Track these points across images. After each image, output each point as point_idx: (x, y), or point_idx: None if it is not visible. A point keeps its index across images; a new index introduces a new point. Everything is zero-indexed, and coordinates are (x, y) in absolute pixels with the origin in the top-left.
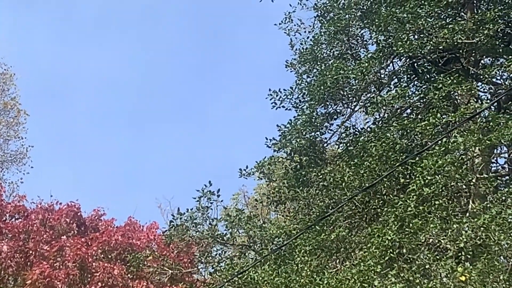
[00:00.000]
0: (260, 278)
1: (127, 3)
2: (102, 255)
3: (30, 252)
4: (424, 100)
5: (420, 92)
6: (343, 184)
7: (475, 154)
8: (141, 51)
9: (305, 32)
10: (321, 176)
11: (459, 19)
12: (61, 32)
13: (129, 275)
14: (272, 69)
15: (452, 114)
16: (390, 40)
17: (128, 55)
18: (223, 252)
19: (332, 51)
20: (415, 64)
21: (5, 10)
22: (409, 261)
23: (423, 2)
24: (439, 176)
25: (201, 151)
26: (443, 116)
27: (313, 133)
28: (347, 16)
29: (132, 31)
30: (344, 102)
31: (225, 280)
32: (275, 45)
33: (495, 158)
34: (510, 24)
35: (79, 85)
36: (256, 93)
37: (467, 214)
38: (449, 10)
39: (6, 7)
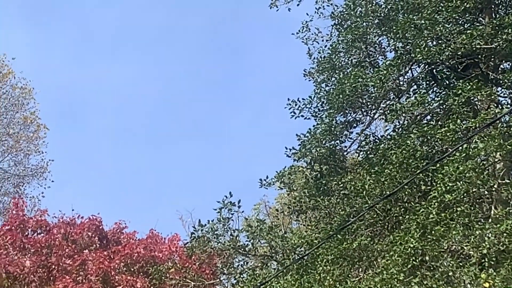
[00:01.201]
0: None
1: (144, 22)
2: (125, 268)
3: (53, 266)
4: (444, 106)
5: (439, 98)
6: (364, 192)
7: (496, 160)
8: (159, 68)
9: (322, 40)
10: (341, 185)
11: (477, 24)
12: (79, 51)
13: (151, 287)
14: (291, 82)
15: (472, 120)
16: (408, 47)
17: (146, 72)
18: (245, 263)
19: (350, 59)
20: (434, 71)
21: (24, 28)
22: (432, 268)
23: (440, 8)
24: (461, 182)
25: (221, 164)
26: (463, 122)
27: (332, 142)
28: (364, 24)
29: (150, 49)
30: (363, 110)
31: None
32: (294, 58)
33: None
34: None
35: (98, 103)
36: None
37: (490, 220)
38: (467, 15)
39: (25, 25)
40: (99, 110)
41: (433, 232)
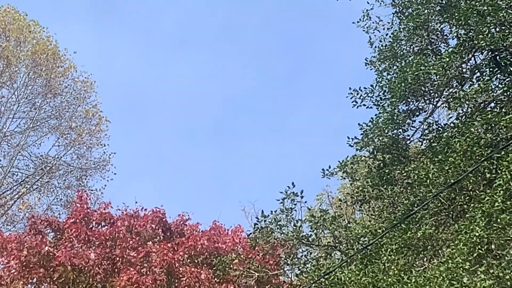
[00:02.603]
0: (347, 278)
1: (207, 19)
2: (189, 260)
3: (117, 258)
4: (508, 93)
5: (503, 85)
6: (428, 181)
7: None
8: (222, 65)
9: (383, 29)
10: (405, 174)
11: None
12: (144, 48)
13: (215, 279)
14: (355, 74)
15: None
16: (471, 33)
17: (210, 69)
18: (309, 253)
19: (411, 47)
20: (498, 57)
21: (91, 25)
22: (498, 257)
23: None
24: None
25: (284, 157)
26: None
27: (395, 131)
28: (426, 11)
29: (213, 46)
30: (425, 98)
31: (311, 282)
32: (358, 50)
33: None
34: None
35: (162, 99)
36: (339, 99)
37: None
38: None
39: (92, 22)
40: (164, 107)
41: (499, 220)
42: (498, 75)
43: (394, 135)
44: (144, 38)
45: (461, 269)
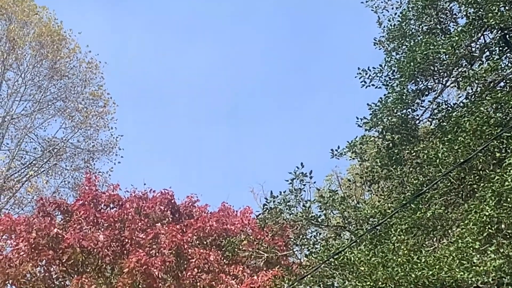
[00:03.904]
0: (356, 258)
1: (220, 3)
2: (197, 242)
3: (126, 240)
4: None
5: None
6: (437, 160)
7: None
8: (235, 50)
9: (392, 8)
10: (414, 154)
11: None
12: (156, 33)
13: (224, 260)
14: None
15: None
16: (480, 12)
17: (222, 54)
18: (318, 233)
19: (420, 26)
20: (507, 36)
21: (104, 10)
22: (508, 236)
23: None
24: None
25: (295, 141)
26: None
27: (404, 111)
28: None
29: (226, 31)
30: (435, 77)
31: (321, 262)
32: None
33: None
34: None
35: (175, 84)
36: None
37: None
38: None
39: (104, 6)
40: (176, 91)
41: (509, 199)
42: (508, 54)
43: (403, 115)
44: (157, 23)
45: (471, 248)
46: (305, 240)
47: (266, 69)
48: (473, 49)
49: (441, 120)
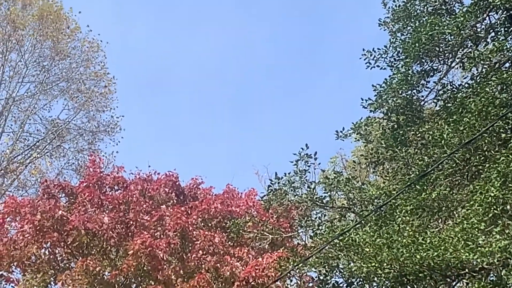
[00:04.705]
0: (361, 239)
1: None
2: (202, 224)
3: (131, 222)
4: None
5: None
6: (442, 141)
7: None
8: (241, 34)
9: None
10: (419, 135)
11: None
12: (162, 18)
13: (229, 242)
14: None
15: None
16: None
17: (229, 38)
18: (323, 215)
19: (425, 7)
20: None
21: None
22: None
23: None
24: None
25: (300, 124)
26: None
27: (409, 92)
28: None
29: (232, 15)
30: (440, 58)
31: (325, 243)
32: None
33: None
34: None
35: (181, 68)
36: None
37: None
38: None
39: None
40: (182, 76)
41: None
42: None
43: (408, 96)
44: (162, 8)
45: (476, 229)
46: (310, 221)
47: (272, 53)
48: (479, 29)
49: (446, 101)
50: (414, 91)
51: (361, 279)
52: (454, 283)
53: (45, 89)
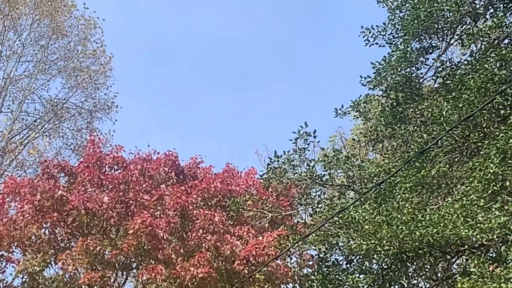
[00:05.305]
0: (361, 217)
1: None
2: (202, 203)
3: (131, 202)
4: None
5: None
6: (442, 118)
7: None
8: (243, 9)
9: None
10: (418, 112)
11: None
12: None
13: (229, 221)
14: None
15: None
16: None
17: (231, 14)
18: (322, 193)
19: None
20: None
21: None
22: None
23: None
24: None
25: (302, 103)
26: None
27: (408, 69)
28: None
29: None
30: (439, 35)
31: (325, 220)
32: None
33: None
34: None
35: (184, 45)
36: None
37: None
38: None
39: None
40: (185, 53)
41: None
42: None
43: (407, 73)
44: None
45: (476, 206)
46: (310, 199)
47: (274, 30)
48: (477, 6)
49: (445, 78)
50: (413, 68)
51: (360, 257)
52: (453, 260)
53: (43, 68)
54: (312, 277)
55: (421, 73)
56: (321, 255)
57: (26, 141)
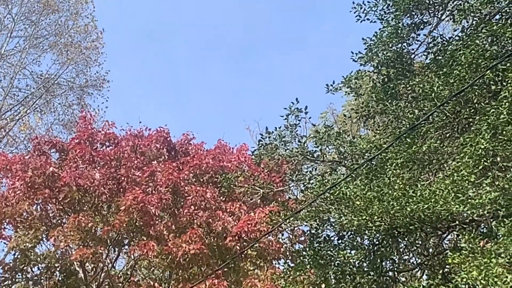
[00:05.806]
0: (352, 193)
1: None
2: (194, 179)
3: (122, 178)
4: None
5: None
6: (433, 94)
7: None
8: None
9: None
10: (409, 88)
11: None
12: None
13: (221, 197)
14: None
15: None
16: None
17: None
18: (314, 169)
19: None
20: None
21: None
22: (503, 169)
23: None
24: None
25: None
26: None
27: (399, 45)
28: None
29: None
30: (430, 11)
31: (316, 196)
32: None
33: None
34: None
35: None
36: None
37: None
38: None
39: None
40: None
41: (504, 132)
42: None
43: (398, 49)
44: None
45: (467, 181)
46: (301, 175)
47: (267, 5)
48: None
49: (436, 54)
50: (404, 44)
51: (352, 232)
52: (444, 235)
53: (34, 44)
54: (304, 252)
55: (412, 49)
56: (313, 231)
57: (17, 117)
